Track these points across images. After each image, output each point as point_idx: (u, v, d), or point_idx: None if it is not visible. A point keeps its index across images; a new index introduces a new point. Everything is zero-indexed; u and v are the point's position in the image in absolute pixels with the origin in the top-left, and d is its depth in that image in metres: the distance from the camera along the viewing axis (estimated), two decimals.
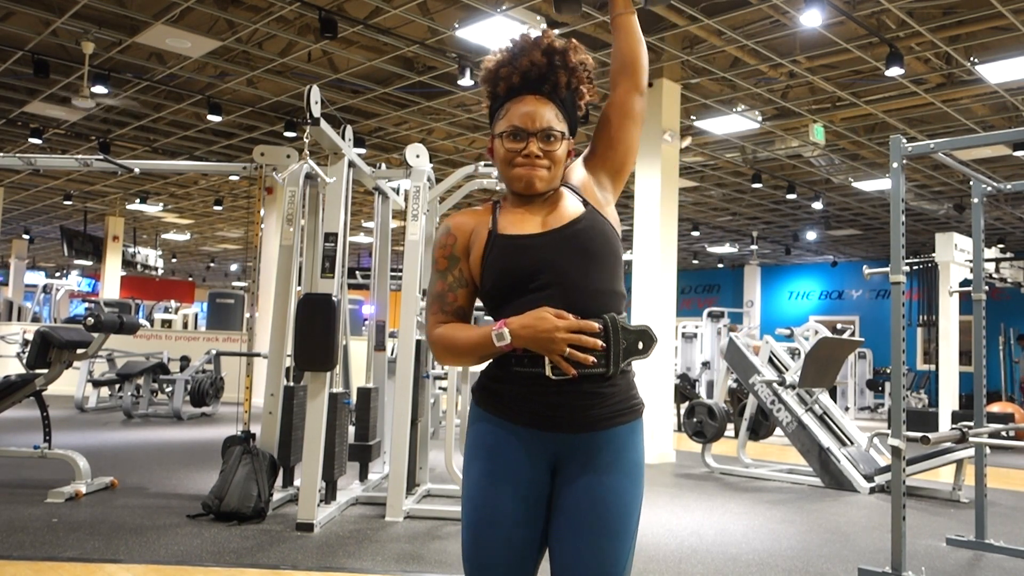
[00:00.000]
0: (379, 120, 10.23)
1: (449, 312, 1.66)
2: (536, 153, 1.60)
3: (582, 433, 1.57)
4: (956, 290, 5.45)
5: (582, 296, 1.55)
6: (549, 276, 1.55)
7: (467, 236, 1.66)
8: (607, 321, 1.54)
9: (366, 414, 5.34)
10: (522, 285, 1.57)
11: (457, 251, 1.66)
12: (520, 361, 1.56)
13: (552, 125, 1.62)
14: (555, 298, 1.53)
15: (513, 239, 1.60)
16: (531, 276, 1.57)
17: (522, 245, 1.59)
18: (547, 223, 1.62)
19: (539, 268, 1.56)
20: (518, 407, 1.58)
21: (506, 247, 1.60)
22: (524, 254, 1.58)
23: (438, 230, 1.70)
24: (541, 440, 1.59)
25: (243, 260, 25.09)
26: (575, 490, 1.56)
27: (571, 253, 1.57)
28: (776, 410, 7.07)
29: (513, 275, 1.57)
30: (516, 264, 1.58)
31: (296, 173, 5.02)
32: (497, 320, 1.57)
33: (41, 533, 4.14)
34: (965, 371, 11.80)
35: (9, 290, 19.11)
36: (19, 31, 7.66)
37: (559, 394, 1.54)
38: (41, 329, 5.19)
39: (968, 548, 4.55)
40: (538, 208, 1.66)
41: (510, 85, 1.64)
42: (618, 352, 1.54)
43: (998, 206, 13.55)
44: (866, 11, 6.74)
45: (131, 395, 10.09)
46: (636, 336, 1.56)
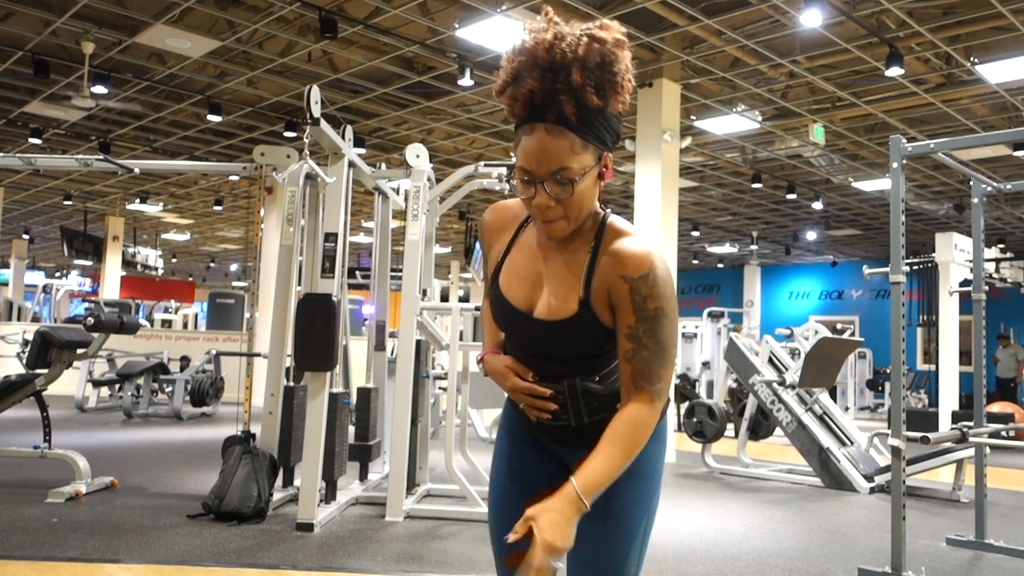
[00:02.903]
0: (379, 120, 10.23)
1: (496, 339, 1.69)
2: (546, 204, 1.38)
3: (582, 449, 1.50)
4: (956, 290, 5.45)
5: (549, 365, 1.51)
6: (527, 347, 1.54)
7: (488, 247, 1.62)
8: (565, 386, 1.50)
9: (366, 414, 5.34)
10: (508, 336, 1.59)
11: (486, 251, 1.64)
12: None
13: (564, 164, 1.35)
14: (527, 358, 1.54)
15: (504, 303, 1.54)
16: (510, 334, 1.58)
17: (509, 313, 1.54)
18: (538, 301, 1.50)
19: (519, 338, 1.56)
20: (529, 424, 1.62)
21: (498, 300, 1.56)
22: (508, 321, 1.55)
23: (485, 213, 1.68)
24: (547, 447, 1.64)
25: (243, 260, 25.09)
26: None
27: (548, 346, 1.51)
28: (776, 410, 7.07)
29: (499, 319, 1.58)
30: (501, 322, 1.57)
31: (296, 173, 5.02)
32: None
33: (41, 533, 4.14)
34: (965, 371, 11.80)
35: (9, 290, 19.11)
36: (19, 31, 7.66)
37: (550, 431, 1.58)
38: (41, 329, 5.19)
39: (968, 548, 4.56)
40: (547, 265, 1.52)
41: (516, 113, 1.39)
42: (579, 410, 1.51)
43: (998, 206, 13.55)
44: (866, 11, 6.73)
45: (131, 395, 10.09)
46: (608, 397, 1.50)
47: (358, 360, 6.31)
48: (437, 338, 5.29)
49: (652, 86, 8.22)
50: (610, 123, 1.39)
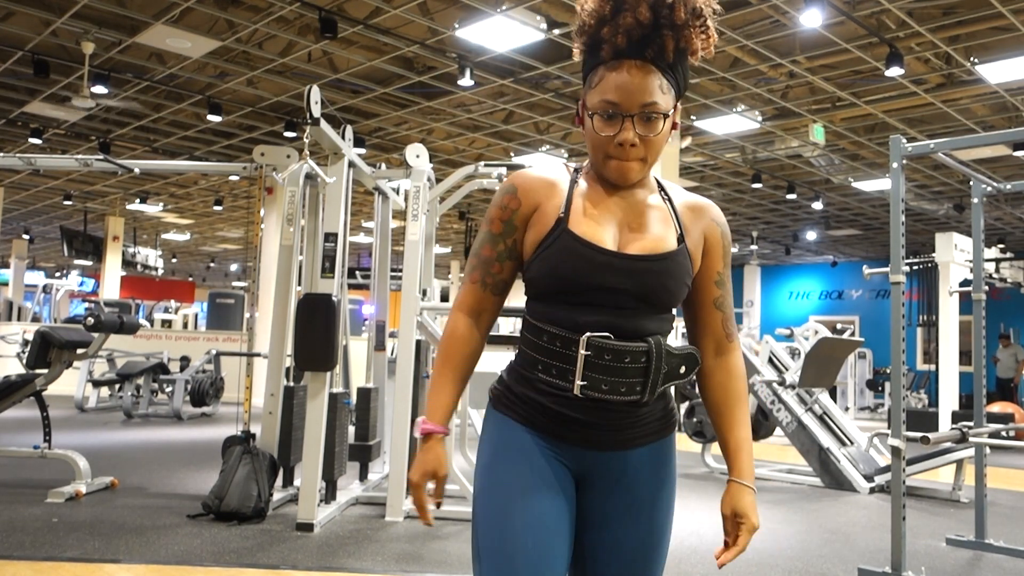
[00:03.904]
0: (379, 120, 10.23)
1: (490, 284, 1.47)
2: (632, 141, 1.34)
3: (612, 451, 1.43)
4: (956, 290, 5.45)
5: (631, 323, 1.37)
6: (607, 300, 1.36)
7: (532, 207, 1.43)
8: (651, 345, 1.36)
9: (366, 414, 5.34)
10: (571, 296, 1.38)
11: (517, 219, 1.43)
12: (547, 369, 1.40)
13: (656, 100, 1.33)
14: (600, 323, 1.36)
15: (584, 245, 1.37)
16: (586, 292, 1.37)
17: (591, 258, 1.36)
18: (630, 239, 1.39)
19: (600, 289, 1.36)
20: (543, 417, 1.42)
21: (572, 250, 1.37)
22: (590, 268, 1.36)
23: (502, 185, 1.48)
24: (567, 452, 1.44)
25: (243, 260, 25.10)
26: (610, 512, 1.44)
27: (644, 288, 1.37)
28: (776, 410, 7.07)
29: (566, 283, 1.37)
30: (576, 274, 1.36)
31: (296, 173, 5.02)
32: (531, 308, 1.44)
33: (41, 533, 4.14)
34: (965, 371, 11.80)
35: (9, 290, 19.12)
36: (19, 31, 7.66)
37: (587, 412, 1.39)
38: (41, 329, 5.19)
39: (968, 548, 4.55)
40: (624, 207, 1.43)
41: (614, 48, 1.32)
42: (656, 379, 1.38)
43: (998, 206, 13.55)
44: (866, 11, 6.74)
45: (131, 395, 10.09)
46: (680, 360, 1.41)
47: (358, 360, 6.31)
48: (437, 338, 5.29)
49: None
50: (687, 71, 1.40)
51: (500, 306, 1.51)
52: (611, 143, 1.36)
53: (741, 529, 1.41)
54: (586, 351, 1.35)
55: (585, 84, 1.40)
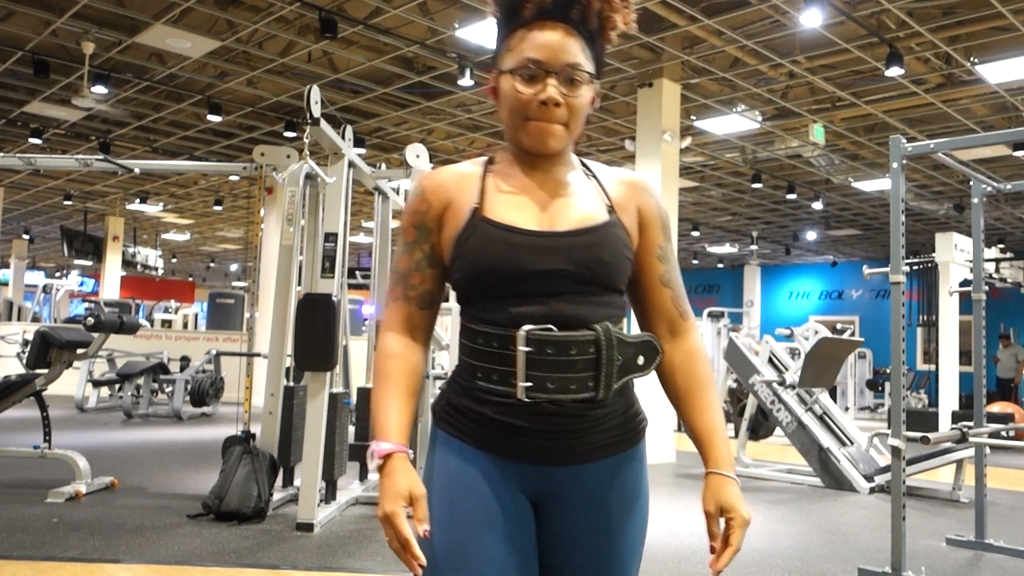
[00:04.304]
0: (379, 120, 10.23)
1: (413, 298, 1.34)
2: (555, 99, 1.24)
3: (569, 466, 1.27)
4: (956, 290, 5.45)
5: (573, 310, 1.24)
6: (540, 286, 1.24)
7: (443, 205, 1.31)
8: (598, 333, 1.23)
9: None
10: (500, 289, 1.25)
11: (429, 221, 1.32)
12: (487, 375, 1.25)
13: (580, 61, 1.27)
14: (537, 313, 1.23)
15: (503, 230, 1.25)
16: (515, 282, 1.24)
17: (513, 242, 1.25)
18: (554, 216, 1.28)
19: (530, 275, 1.24)
20: (485, 431, 1.26)
21: (490, 237, 1.25)
22: (514, 253, 1.24)
23: (410, 190, 1.38)
24: (517, 472, 1.27)
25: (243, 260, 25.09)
26: (573, 537, 1.29)
27: (579, 266, 1.25)
28: (776, 410, 7.06)
29: (491, 275, 1.24)
30: (499, 263, 1.24)
31: (296, 173, 5.02)
32: (463, 312, 1.31)
33: (41, 533, 4.14)
34: (965, 371, 11.80)
35: (9, 290, 19.12)
36: (19, 31, 7.66)
37: (536, 419, 1.23)
38: (41, 329, 5.19)
39: (968, 548, 4.55)
40: (546, 184, 1.32)
41: (538, 7, 1.27)
42: (611, 371, 1.24)
43: (998, 206, 13.55)
44: (866, 11, 6.73)
45: (131, 395, 10.09)
46: (635, 349, 1.28)
47: (358, 360, 6.31)
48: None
49: (652, 86, 8.22)
50: (603, 54, 1.35)
51: (431, 322, 1.38)
52: (532, 103, 1.25)
53: (731, 525, 1.24)
54: (526, 347, 1.21)
55: (499, 49, 1.32)
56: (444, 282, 1.36)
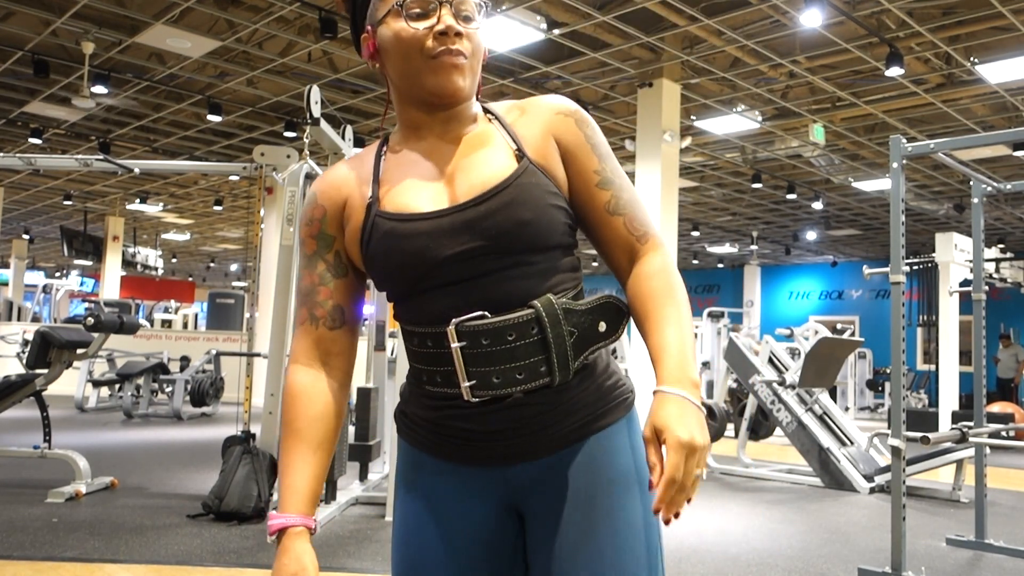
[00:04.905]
0: (379, 120, 10.23)
1: (321, 317, 1.18)
2: (455, 28, 1.09)
3: (541, 459, 1.12)
4: (956, 290, 5.45)
5: (502, 289, 1.08)
6: (459, 272, 1.08)
7: (338, 206, 1.17)
8: (538, 309, 1.07)
9: (366, 414, 5.34)
10: (418, 284, 1.10)
11: (328, 227, 1.17)
12: (432, 378, 1.12)
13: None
14: (463, 302, 1.08)
15: (400, 221, 1.10)
16: (430, 274, 1.09)
17: (414, 232, 1.09)
18: (458, 187, 1.11)
19: (443, 263, 1.08)
20: (439, 439, 1.14)
21: (390, 232, 1.10)
22: (417, 245, 1.08)
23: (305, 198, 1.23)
24: (483, 480, 1.14)
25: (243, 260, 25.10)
26: (562, 542, 1.11)
27: (494, 237, 1.08)
28: (776, 410, 7.07)
29: (403, 274, 1.10)
30: (407, 260, 1.09)
31: (296, 173, 5.02)
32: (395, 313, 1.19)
33: (41, 533, 4.14)
34: (965, 371, 11.80)
35: (9, 290, 19.12)
36: (19, 31, 7.66)
37: (490, 419, 1.09)
38: (41, 329, 5.19)
39: (968, 548, 4.55)
40: (440, 149, 1.15)
41: None
42: (563, 350, 1.07)
43: (998, 206, 13.55)
44: (866, 11, 6.74)
45: (131, 395, 10.09)
46: (592, 316, 1.10)
47: (358, 360, 6.30)
48: None
49: (652, 86, 8.22)
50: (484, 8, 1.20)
51: (349, 342, 1.20)
52: (427, 38, 1.09)
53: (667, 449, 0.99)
54: (459, 342, 1.07)
55: (368, 4, 1.17)
56: (358, 295, 1.21)
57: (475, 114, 1.19)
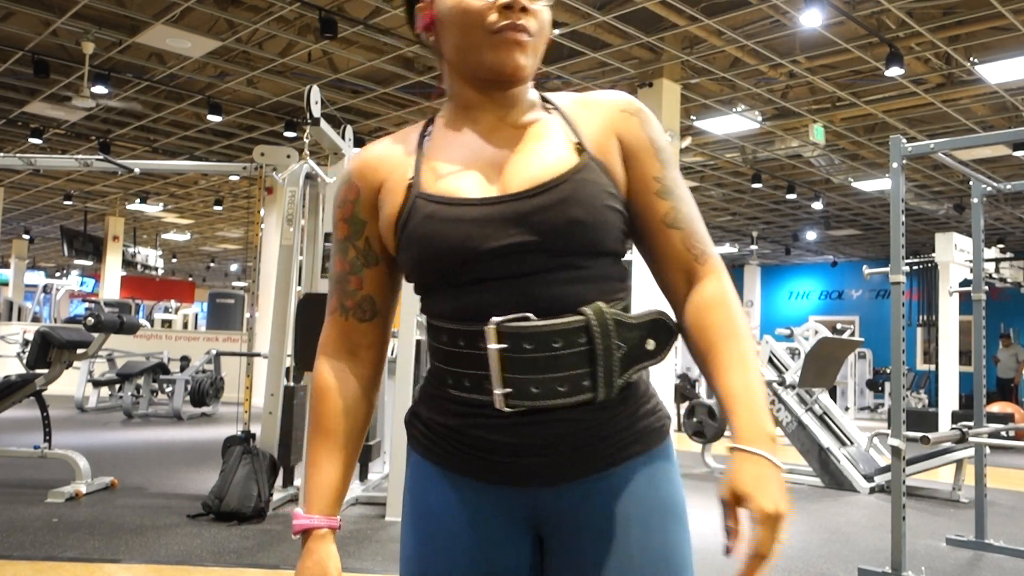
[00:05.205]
0: (379, 120, 10.24)
1: (351, 308, 1.12)
2: (521, 3, 1.01)
3: (571, 484, 1.02)
4: (956, 290, 5.45)
5: (551, 291, 1.00)
6: (504, 266, 1.00)
7: (374, 188, 1.08)
8: (588, 317, 0.99)
9: None
10: (457, 276, 1.01)
11: (361, 211, 1.09)
12: (458, 382, 1.03)
13: None
14: (507, 300, 0.99)
15: (444, 204, 1.01)
16: (472, 265, 1.00)
17: (460, 218, 1.00)
18: (511, 175, 1.03)
19: (488, 255, 0.99)
20: (460, 451, 1.04)
21: (432, 216, 1.01)
22: (463, 232, 1.00)
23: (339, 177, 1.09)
24: (505, 500, 1.04)
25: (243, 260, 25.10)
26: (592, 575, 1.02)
27: (547, 233, 0.99)
28: (776, 410, 7.07)
29: (442, 263, 1.01)
30: (449, 247, 1.00)
31: (296, 173, 5.02)
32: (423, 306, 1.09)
33: (41, 533, 4.14)
34: (965, 371, 11.80)
35: (9, 290, 19.12)
36: (19, 31, 7.66)
37: (522, 433, 1.00)
38: (41, 329, 5.19)
39: (968, 548, 4.56)
40: (496, 133, 1.07)
41: None
42: (610, 364, 0.99)
43: (998, 206, 13.55)
44: (866, 11, 6.74)
45: (131, 395, 10.09)
46: (642, 332, 1.02)
47: None
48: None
49: (652, 86, 8.22)
50: None
51: (381, 335, 1.14)
52: (491, 10, 1.01)
53: (753, 520, 0.92)
54: (498, 344, 0.98)
55: None
56: (392, 284, 1.14)
57: (532, 101, 1.10)
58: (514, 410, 0.98)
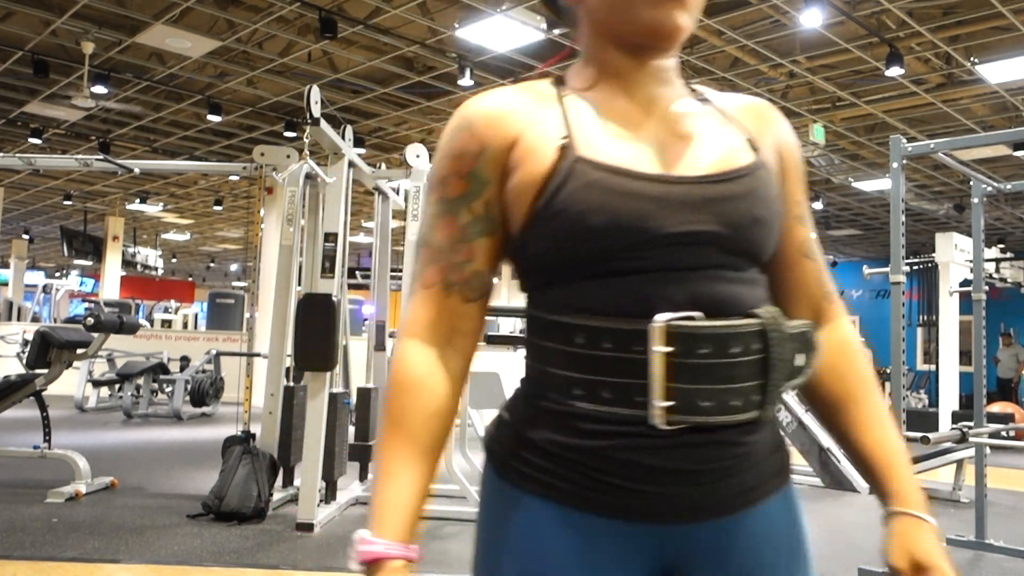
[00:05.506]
0: (379, 120, 10.24)
1: (457, 283, 0.91)
2: None
3: (714, 521, 0.87)
4: (956, 290, 5.46)
5: (725, 290, 0.86)
6: (678, 257, 0.85)
7: (506, 142, 0.89)
8: (764, 321, 0.85)
9: (366, 414, 5.34)
10: (613, 264, 0.84)
11: (485, 168, 0.89)
12: (593, 392, 0.84)
13: None
14: (680, 295, 0.84)
15: (617, 174, 0.85)
16: (638, 252, 0.84)
17: (634, 192, 0.84)
18: (680, 155, 0.89)
19: (659, 242, 0.84)
20: (590, 481, 0.85)
21: (598, 186, 0.84)
22: (636, 209, 0.84)
23: (448, 128, 0.93)
24: (639, 540, 0.86)
25: (243, 260, 25.10)
26: None
27: (730, 226, 0.86)
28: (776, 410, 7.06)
29: (597, 239, 0.83)
30: (608, 221, 0.83)
31: (296, 173, 5.02)
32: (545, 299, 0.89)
33: (41, 533, 4.14)
34: (965, 371, 11.79)
35: (9, 290, 19.12)
36: (19, 31, 7.66)
37: (675, 455, 0.83)
38: (41, 329, 5.19)
39: (968, 548, 4.55)
40: (653, 106, 0.93)
41: None
42: (779, 378, 0.86)
43: (998, 206, 13.55)
44: (866, 11, 6.73)
45: (131, 395, 10.09)
46: (795, 344, 0.88)
47: (358, 360, 6.30)
48: None
49: None
50: None
51: (482, 320, 0.94)
52: None
53: None
54: (666, 346, 0.81)
55: None
56: (498, 261, 0.94)
57: (678, 78, 0.98)
58: (674, 428, 0.82)
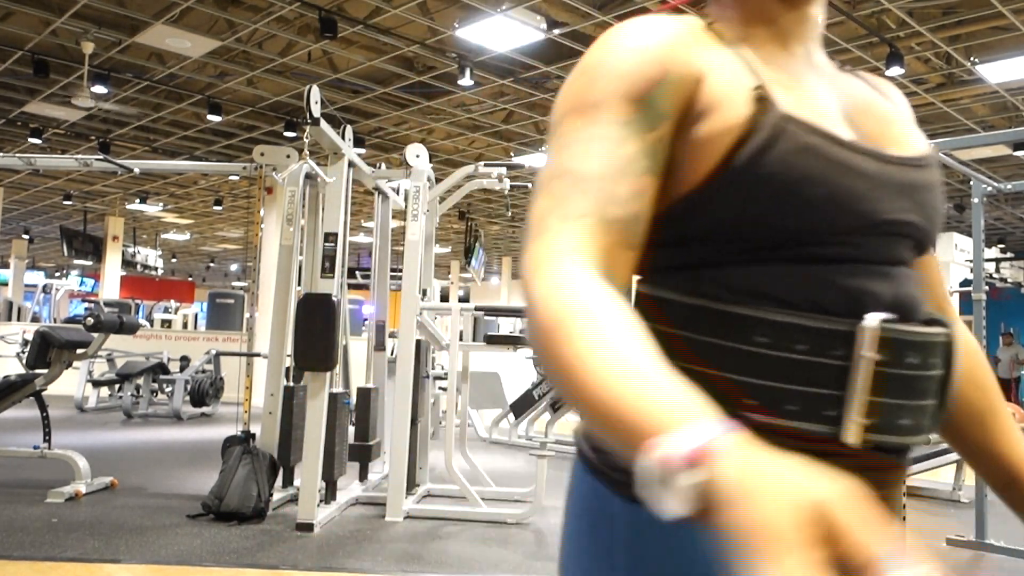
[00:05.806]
0: (379, 120, 10.24)
1: (615, 222, 0.67)
2: None
3: None
4: (956, 290, 5.46)
5: (910, 287, 0.75)
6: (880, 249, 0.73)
7: (691, 79, 0.72)
8: (949, 334, 0.73)
9: (366, 414, 5.34)
10: (817, 248, 0.70)
11: (665, 98, 0.71)
12: (775, 403, 0.69)
13: None
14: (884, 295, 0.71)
15: (828, 142, 0.71)
16: (851, 237, 0.71)
17: (846, 163, 0.70)
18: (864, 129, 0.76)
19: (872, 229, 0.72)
20: None
21: (810, 150, 0.69)
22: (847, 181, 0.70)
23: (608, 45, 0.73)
24: None
25: (243, 260, 25.10)
26: None
27: (925, 216, 0.76)
28: None
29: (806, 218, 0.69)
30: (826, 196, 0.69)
31: (296, 173, 5.01)
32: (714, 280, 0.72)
33: (41, 533, 4.14)
34: None
35: (9, 290, 19.12)
36: (19, 31, 7.66)
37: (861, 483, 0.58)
38: (41, 329, 5.19)
39: (968, 548, 4.55)
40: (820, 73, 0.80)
41: None
42: (951, 395, 0.75)
43: (998, 206, 13.56)
44: (866, 11, 6.74)
45: (131, 395, 10.09)
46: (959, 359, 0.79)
47: (358, 360, 6.30)
48: (437, 338, 5.29)
49: None
50: None
51: (631, 276, 0.71)
52: None
53: None
54: (876, 353, 0.68)
55: None
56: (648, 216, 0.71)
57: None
58: (866, 450, 0.69)
